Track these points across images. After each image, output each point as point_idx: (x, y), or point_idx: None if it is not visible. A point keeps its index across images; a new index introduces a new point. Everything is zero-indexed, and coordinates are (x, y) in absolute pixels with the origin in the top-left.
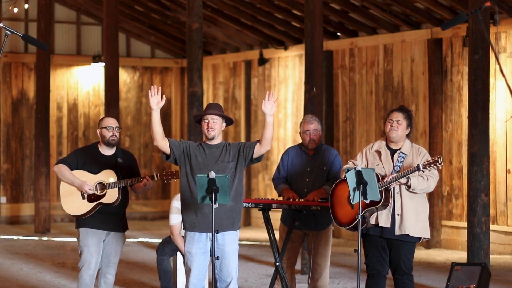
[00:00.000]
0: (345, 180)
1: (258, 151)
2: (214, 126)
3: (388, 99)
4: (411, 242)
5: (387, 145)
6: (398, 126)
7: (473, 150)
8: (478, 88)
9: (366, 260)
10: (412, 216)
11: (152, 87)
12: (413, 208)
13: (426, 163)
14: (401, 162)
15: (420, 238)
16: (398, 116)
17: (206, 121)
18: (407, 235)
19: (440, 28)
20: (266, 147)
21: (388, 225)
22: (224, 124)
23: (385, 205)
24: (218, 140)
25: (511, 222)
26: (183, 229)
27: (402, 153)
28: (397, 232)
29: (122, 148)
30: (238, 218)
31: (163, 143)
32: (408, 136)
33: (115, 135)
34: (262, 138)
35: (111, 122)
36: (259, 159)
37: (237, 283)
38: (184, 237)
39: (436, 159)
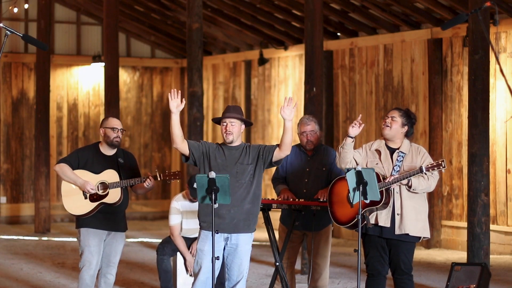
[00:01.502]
0: (343, 178)
1: (277, 155)
2: (232, 130)
3: (388, 99)
4: (410, 242)
5: (386, 145)
6: (392, 123)
7: (473, 150)
8: (478, 88)
9: (366, 260)
10: (412, 216)
11: (172, 90)
12: (413, 208)
13: (430, 166)
14: (400, 161)
15: (419, 238)
16: (393, 113)
17: (225, 124)
18: (407, 234)
19: (440, 28)
20: (286, 151)
21: (388, 225)
22: (243, 126)
23: (385, 205)
24: (237, 142)
25: (511, 222)
26: (200, 228)
27: (401, 152)
28: (397, 231)
29: (122, 148)
30: (254, 221)
31: (182, 146)
32: (407, 136)
33: (119, 137)
34: (281, 143)
35: (117, 123)
36: (278, 162)
37: (245, 283)
38: (198, 236)
39: (440, 162)
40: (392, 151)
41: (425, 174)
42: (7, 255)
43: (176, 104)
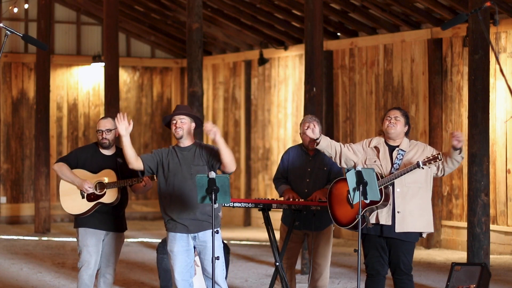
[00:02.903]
0: (343, 179)
1: (224, 170)
2: (183, 126)
3: (388, 99)
4: (410, 241)
5: (385, 142)
6: (397, 123)
7: (473, 150)
8: (478, 88)
9: (365, 260)
10: (415, 213)
11: (119, 114)
12: (417, 205)
13: (426, 159)
14: (400, 159)
15: (419, 236)
16: (396, 113)
17: (174, 121)
18: (407, 233)
19: (440, 28)
20: (230, 169)
21: (389, 223)
22: (193, 125)
23: (385, 203)
24: (188, 141)
25: (511, 222)
26: (166, 230)
27: (401, 150)
28: (398, 229)
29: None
30: (218, 220)
31: (137, 164)
32: (406, 135)
33: (106, 138)
34: (222, 164)
35: (102, 125)
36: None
37: (225, 280)
38: (167, 238)
39: (436, 155)
40: (391, 148)
41: (423, 168)
42: (7, 255)
43: (125, 126)
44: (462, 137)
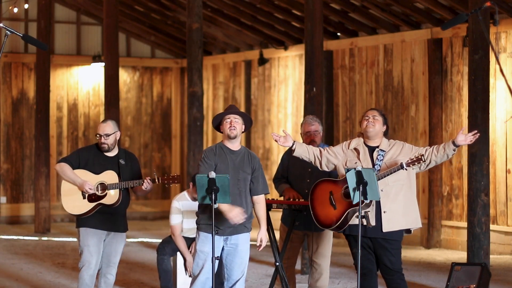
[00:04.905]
0: (325, 181)
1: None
2: (236, 126)
3: (388, 99)
4: (395, 240)
5: (365, 143)
6: (375, 122)
7: (473, 150)
8: (478, 88)
9: (355, 261)
10: (400, 210)
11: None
12: (401, 202)
13: (410, 161)
14: (381, 160)
15: (405, 232)
16: (374, 113)
17: (228, 120)
18: (391, 232)
19: (440, 28)
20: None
21: (373, 223)
22: (243, 127)
23: (367, 205)
24: (237, 144)
25: (511, 222)
26: (198, 230)
27: (381, 150)
28: (385, 229)
29: (124, 149)
30: (250, 222)
31: None
32: (385, 135)
33: (105, 143)
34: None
35: (101, 130)
36: None
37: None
38: (196, 237)
39: (420, 157)
40: (371, 149)
41: (406, 169)
42: (7, 255)
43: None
44: (473, 141)
